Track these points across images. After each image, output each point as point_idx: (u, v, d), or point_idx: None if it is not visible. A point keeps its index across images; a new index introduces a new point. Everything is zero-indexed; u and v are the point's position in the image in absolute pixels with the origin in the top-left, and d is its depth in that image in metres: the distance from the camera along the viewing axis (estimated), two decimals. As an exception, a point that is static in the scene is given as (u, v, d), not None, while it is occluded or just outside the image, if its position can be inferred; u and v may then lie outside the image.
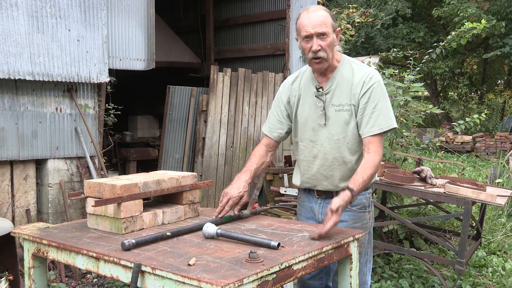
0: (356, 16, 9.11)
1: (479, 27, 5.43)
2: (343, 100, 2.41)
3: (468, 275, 4.41)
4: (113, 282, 4.13)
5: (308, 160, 2.52)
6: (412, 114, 5.00)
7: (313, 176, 2.52)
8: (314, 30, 2.32)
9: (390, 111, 2.40)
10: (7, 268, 3.27)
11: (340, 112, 2.41)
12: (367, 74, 2.39)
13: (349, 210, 2.44)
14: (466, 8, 15.17)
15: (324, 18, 2.33)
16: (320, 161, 2.48)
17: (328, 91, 2.44)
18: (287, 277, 1.79)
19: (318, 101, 2.46)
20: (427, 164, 8.17)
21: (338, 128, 2.42)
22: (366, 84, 2.37)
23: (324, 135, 2.45)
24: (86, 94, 4.79)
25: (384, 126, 2.35)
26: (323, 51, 2.34)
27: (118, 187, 2.12)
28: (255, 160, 2.57)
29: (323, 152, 2.47)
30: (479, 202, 3.81)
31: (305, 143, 2.53)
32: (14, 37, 4.19)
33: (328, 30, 2.33)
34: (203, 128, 5.93)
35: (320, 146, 2.47)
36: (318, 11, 2.35)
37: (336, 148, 2.44)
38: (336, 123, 2.42)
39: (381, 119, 2.35)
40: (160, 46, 7.04)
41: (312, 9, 2.38)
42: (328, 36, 2.33)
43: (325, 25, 2.32)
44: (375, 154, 2.32)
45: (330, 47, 2.36)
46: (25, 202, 4.48)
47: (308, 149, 2.51)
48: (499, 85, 22.04)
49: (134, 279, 1.73)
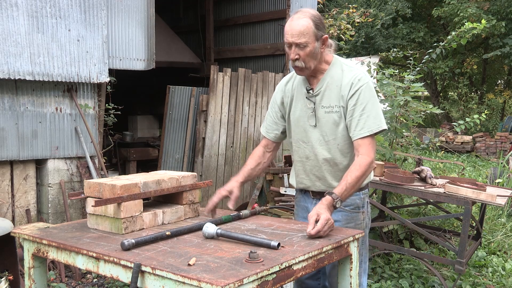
0: (356, 16, 9.12)
1: (479, 27, 5.44)
2: (332, 101, 2.42)
3: (468, 275, 4.41)
4: (113, 282, 4.13)
5: (301, 160, 2.55)
6: (412, 114, 5.01)
7: (306, 176, 2.56)
8: (292, 39, 2.31)
9: (380, 113, 2.40)
10: (7, 268, 3.27)
11: (330, 114, 2.42)
12: (356, 76, 2.38)
13: (342, 210, 2.46)
14: (466, 8, 15.17)
15: (305, 28, 2.29)
16: (312, 162, 2.51)
17: (318, 93, 2.45)
18: (287, 277, 1.79)
19: (309, 102, 2.48)
20: (427, 164, 8.17)
21: (328, 129, 2.44)
22: (355, 86, 2.36)
23: (315, 136, 2.47)
24: (86, 94, 4.79)
25: (374, 127, 2.35)
26: (301, 60, 2.33)
27: (118, 187, 2.12)
28: (250, 162, 2.64)
29: (314, 153, 2.49)
30: (479, 202, 3.81)
31: (298, 144, 2.56)
32: (14, 37, 4.19)
33: (308, 40, 2.30)
34: (203, 128, 5.93)
35: (311, 147, 2.49)
36: (300, 20, 2.31)
37: (326, 149, 2.46)
38: (326, 124, 2.44)
39: (371, 121, 2.34)
40: (160, 46, 7.04)
41: (296, 16, 2.35)
42: (307, 46, 2.30)
43: (304, 35, 2.29)
44: (364, 156, 2.32)
45: (310, 56, 2.34)
46: (25, 202, 4.48)
47: (301, 150, 2.54)
48: (499, 85, 22.04)
49: (134, 279, 1.73)
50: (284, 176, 5.50)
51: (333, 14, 9.04)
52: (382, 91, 5.16)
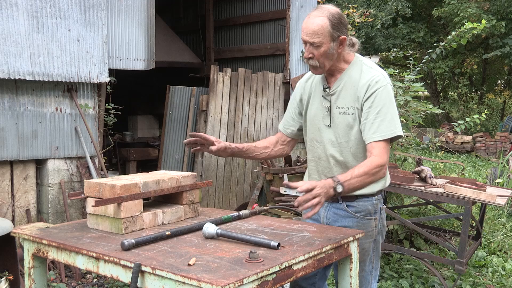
0: (356, 16, 9.13)
1: (479, 27, 5.43)
2: (347, 102, 2.33)
3: (468, 275, 4.41)
4: (113, 282, 4.13)
5: (314, 160, 2.49)
6: (412, 114, 5.01)
7: (318, 177, 2.46)
8: (306, 38, 2.25)
9: (396, 118, 2.27)
10: (7, 268, 3.27)
11: (344, 115, 2.34)
12: (373, 77, 2.28)
13: (353, 216, 2.37)
14: (466, 8, 15.17)
15: (319, 27, 2.21)
16: (324, 162, 2.43)
17: (334, 92, 2.37)
18: (287, 277, 1.79)
19: (325, 101, 2.40)
20: (427, 164, 8.17)
21: (341, 131, 2.35)
22: (371, 88, 2.26)
23: (328, 136, 2.40)
24: (86, 94, 4.79)
25: (387, 133, 2.23)
26: (315, 60, 2.27)
27: (118, 187, 2.12)
28: (258, 141, 2.62)
29: (326, 153, 2.41)
30: (479, 202, 3.81)
31: (312, 143, 2.49)
32: (14, 37, 4.19)
33: (322, 40, 2.22)
34: (203, 128, 5.93)
35: (323, 147, 2.42)
36: (315, 18, 2.23)
37: (339, 151, 2.37)
38: (340, 126, 2.35)
39: (385, 125, 2.23)
40: (160, 46, 7.04)
41: (313, 14, 2.27)
42: (321, 46, 2.23)
43: (318, 35, 2.21)
44: (376, 157, 2.20)
45: (325, 56, 2.26)
46: (25, 202, 4.48)
47: (315, 149, 2.47)
48: (499, 85, 22.04)
49: (134, 279, 1.73)
50: (284, 176, 5.50)
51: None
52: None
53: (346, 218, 2.37)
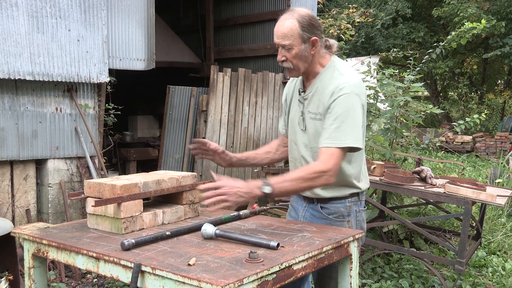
0: (356, 16, 9.13)
1: (479, 27, 5.44)
2: (316, 108, 2.31)
3: (468, 275, 4.41)
4: (113, 282, 4.13)
5: (292, 161, 2.51)
6: (412, 114, 5.01)
7: None
8: (277, 40, 2.26)
9: (354, 129, 2.19)
10: (7, 268, 3.27)
11: (314, 121, 2.33)
12: (339, 85, 2.22)
13: (325, 218, 2.38)
14: (466, 8, 15.18)
15: (289, 29, 2.21)
16: (299, 164, 2.44)
17: (307, 97, 2.36)
18: (287, 277, 1.79)
19: (300, 105, 2.41)
20: (427, 164, 8.17)
21: (311, 136, 2.35)
22: (334, 95, 2.21)
23: (302, 140, 2.41)
24: (86, 94, 4.79)
25: (338, 141, 2.16)
26: (288, 62, 2.27)
27: (118, 187, 2.12)
28: (260, 148, 2.66)
29: (300, 156, 2.43)
30: (479, 202, 3.81)
31: (291, 144, 2.51)
32: (14, 37, 4.19)
33: (292, 42, 2.21)
34: (203, 128, 5.93)
35: (298, 150, 2.44)
36: (285, 21, 2.23)
37: (310, 155, 2.37)
38: (310, 130, 2.35)
39: (338, 133, 2.17)
40: (160, 46, 7.04)
41: (283, 17, 2.28)
42: (292, 48, 2.22)
43: (288, 37, 2.21)
44: (319, 163, 2.16)
45: (298, 58, 2.25)
46: (25, 202, 4.48)
47: (293, 151, 2.49)
48: (499, 85, 22.04)
49: (134, 279, 1.73)
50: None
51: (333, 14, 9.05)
52: (382, 91, 5.17)
53: (321, 220, 2.38)
